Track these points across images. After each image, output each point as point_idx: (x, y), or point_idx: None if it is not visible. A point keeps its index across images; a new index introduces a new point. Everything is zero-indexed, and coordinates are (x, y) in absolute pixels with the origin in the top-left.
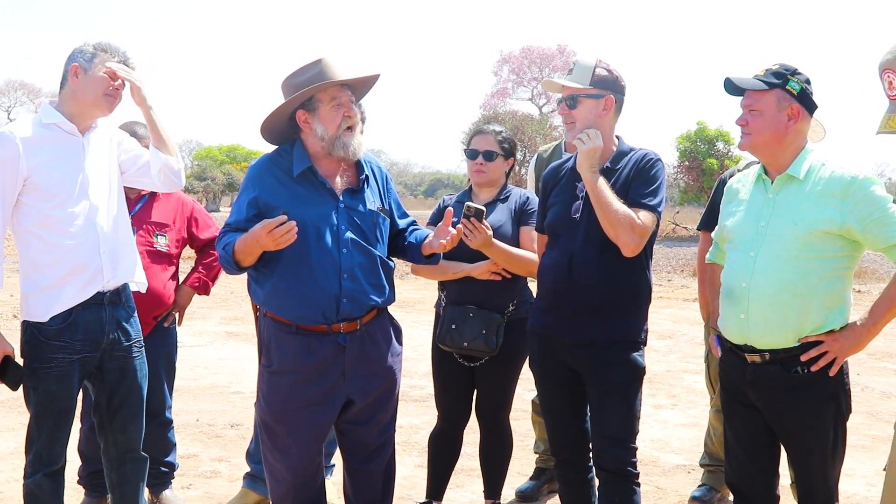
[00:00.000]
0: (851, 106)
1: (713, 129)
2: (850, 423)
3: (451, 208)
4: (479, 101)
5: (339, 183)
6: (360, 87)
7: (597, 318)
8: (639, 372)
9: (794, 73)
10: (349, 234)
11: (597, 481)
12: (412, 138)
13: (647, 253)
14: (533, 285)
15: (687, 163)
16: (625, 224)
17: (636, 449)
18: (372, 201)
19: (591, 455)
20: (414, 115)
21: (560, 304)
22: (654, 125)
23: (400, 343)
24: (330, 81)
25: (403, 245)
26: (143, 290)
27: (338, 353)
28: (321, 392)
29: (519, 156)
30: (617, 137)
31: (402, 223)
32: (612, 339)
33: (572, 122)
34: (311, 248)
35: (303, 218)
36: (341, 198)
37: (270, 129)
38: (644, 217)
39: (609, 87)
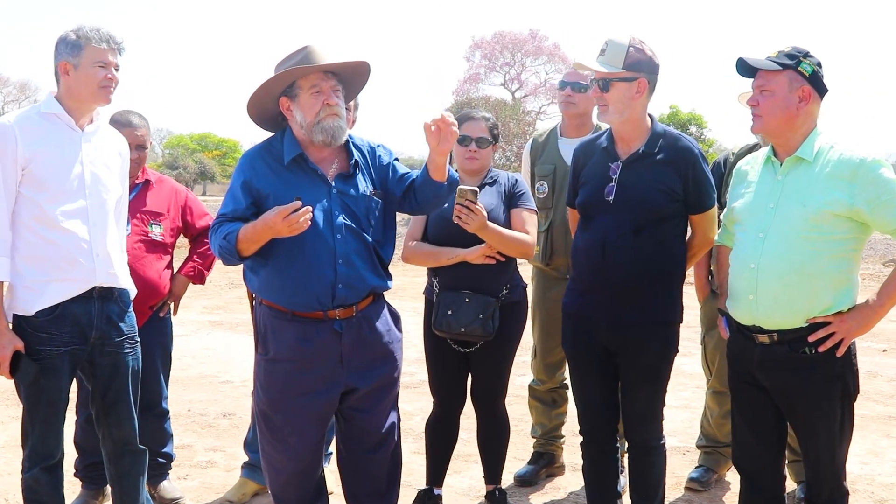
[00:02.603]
0: (851, 106)
1: (686, 112)
2: None
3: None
4: (451, 86)
5: (330, 169)
6: (353, 79)
7: (631, 300)
8: (672, 352)
9: (807, 55)
10: (343, 220)
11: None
12: (384, 124)
13: (682, 233)
14: (522, 269)
15: None
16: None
17: (663, 420)
18: (364, 186)
19: (617, 435)
20: (385, 100)
21: (595, 286)
22: None
23: (399, 330)
24: (306, 67)
25: (415, 189)
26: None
27: (334, 339)
28: (319, 379)
29: None
30: (649, 116)
31: (407, 176)
32: (646, 319)
33: (605, 105)
34: (305, 235)
35: None
36: (333, 183)
37: (264, 117)
38: (713, 213)
39: (643, 69)
